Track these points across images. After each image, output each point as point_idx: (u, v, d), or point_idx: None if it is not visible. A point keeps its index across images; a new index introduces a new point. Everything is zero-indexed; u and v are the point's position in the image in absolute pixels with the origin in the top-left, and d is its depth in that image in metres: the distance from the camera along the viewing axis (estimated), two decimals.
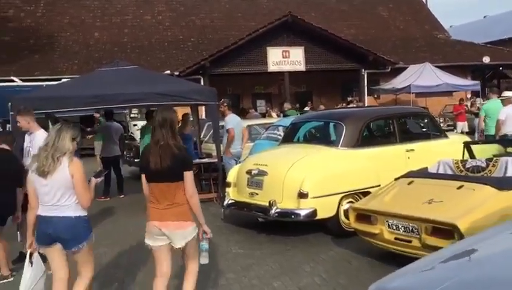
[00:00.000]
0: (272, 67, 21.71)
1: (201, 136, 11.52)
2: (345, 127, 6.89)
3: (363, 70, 22.68)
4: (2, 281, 5.41)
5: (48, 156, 3.67)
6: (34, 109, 6.29)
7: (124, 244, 6.75)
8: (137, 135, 19.63)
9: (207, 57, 20.84)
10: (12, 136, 6.01)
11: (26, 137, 6.12)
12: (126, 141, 14.20)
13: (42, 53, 22.85)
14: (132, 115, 20.36)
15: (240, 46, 20.84)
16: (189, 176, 3.77)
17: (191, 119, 10.58)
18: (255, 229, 6.94)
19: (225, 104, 8.94)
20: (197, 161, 9.62)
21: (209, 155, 10.45)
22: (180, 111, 10.77)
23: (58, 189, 3.70)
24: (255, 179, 6.75)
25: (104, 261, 6.06)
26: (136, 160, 12.67)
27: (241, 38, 21.16)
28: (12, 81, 18.70)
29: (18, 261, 5.92)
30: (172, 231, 3.80)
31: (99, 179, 4.11)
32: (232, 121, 8.75)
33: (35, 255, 3.97)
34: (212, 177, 9.45)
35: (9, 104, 7.05)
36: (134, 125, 20.09)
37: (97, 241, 6.83)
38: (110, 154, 10.42)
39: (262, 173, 6.66)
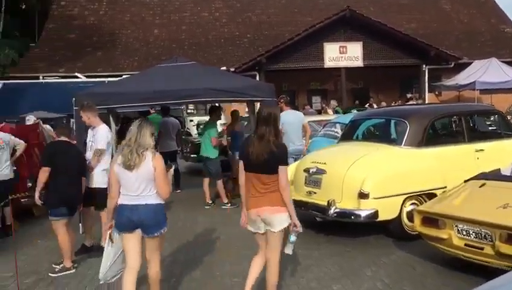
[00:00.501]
0: (328, 63, 21.34)
1: None
2: (408, 125, 6.58)
3: (424, 65, 21.85)
4: (64, 273, 5.53)
5: (133, 151, 4.00)
6: (97, 104, 6.40)
7: (182, 239, 6.78)
8: (193, 130, 19.97)
9: (263, 53, 20.77)
10: (70, 128, 6.17)
11: (89, 132, 6.24)
12: (183, 137, 14.42)
13: (104, 50, 23.59)
14: (189, 111, 20.66)
15: (296, 41, 20.61)
16: (283, 170, 4.02)
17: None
18: (312, 229, 6.77)
19: (282, 100, 8.81)
20: None
21: None
22: (230, 108, 10.83)
23: (142, 181, 4.03)
24: (313, 178, 6.57)
25: (162, 256, 6.06)
26: (192, 155, 12.82)
27: (297, 34, 20.92)
28: (77, 77, 19.45)
29: (80, 253, 6.07)
30: (270, 215, 4.06)
31: (172, 171, 4.48)
32: (281, 118, 8.62)
33: (116, 235, 4.25)
34: None
35: (73, 99, 7.22)
36: (191, 120, 20.39)
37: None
38: (168, 149, 10.55)
39: (320, 172, 6.48)
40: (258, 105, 11.15)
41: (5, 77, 20.10)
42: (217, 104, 9.24)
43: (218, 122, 9.51)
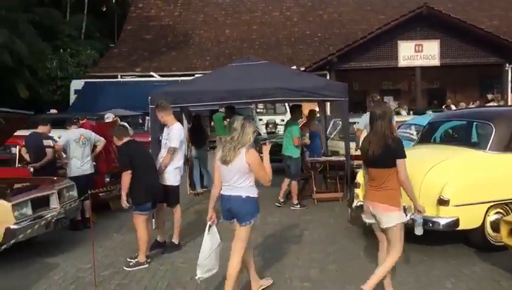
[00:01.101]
0: (402, 62, 20.63)
1: (327, 133, 11.22)
2: (494, 128, 6.13)
3: (507, 64, 20.55)
4: (138, 267, 5.67)
5: (231, 148, 4.34)
6: (171, 103, 6.52)
7: (251, 240, 6.73)
8: (262, 129, 20.03)
9: (334, 52, 20.43)
10: (126, 127, 6.36)
11: (165, 130, 6.36)
12: None
13: (178, 50, 24.25)
14: (258, 110, 20.73)
15: (369, 40, 20.10)
16: (401, 163, 4.23)
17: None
18: None
19: (372, 99, 8.48)
20: (323, 158, 9.38)
21: (335, 153, 10.14)
22: (306, 107, 10.67)
23: (235, 173, 4.36)
24: None
25: (227, 257, 6.07)
26: (261, 154, 12.79)
27: (370, 32, 20.40)
28: (152, 76, 20.13)
29: (152, 248, 6.20)
30: (379, 212, 4.34)
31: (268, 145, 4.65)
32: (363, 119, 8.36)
33: (213, 227, 4.60)
34: (338, 176, 9.13)
35: (149, 98, 7.41)
36: (260, 120, 20.46)
37: (224, 234, 7.02)
38: None
39: None
40: (328, 105, 10.97)
41: (86, 76, 21.19)
42: (298, 103, 9.10)
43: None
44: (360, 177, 7.02)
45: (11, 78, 20.23)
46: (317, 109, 12.16)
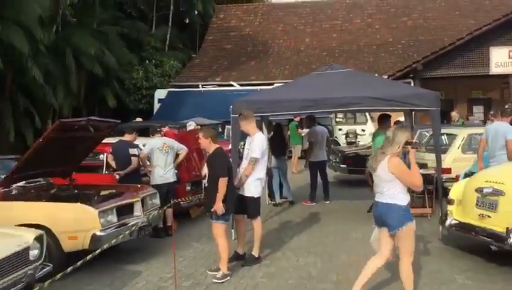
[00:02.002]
0: (494, 70, 19.22)
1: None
2: None
3: None
4: (225, 279, 5.54)
5: (376, 156, 4.52)
6: (254, 112, 6.39)
7: (334, 255, 6.44)
8: (341, 139, 19.55)
9: (420, 59, 19.50)
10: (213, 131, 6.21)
11: (248, 139, 6.23)
12: (331, 146, 14.11)
13: (258, 59, 24.39)
14: (337, 119, 20.28)
15: (457, 46, 18.97)
16: None
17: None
18: (483, 257, 5.94)
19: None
20: None
21: (422, 166, 9.54)
22: (394, 117, 10.15)
23: (381, 181, 4.48)
24: (487, 199, 5.74)
25: (314, 273, 5.81)
26: (341, 165, 12.44)
27: (459, 38, 19.25)
28: (232, 85, 20.37)
29: (232, 260, 6.05)
30: None
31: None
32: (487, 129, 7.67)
33: (375, 230, 4.68)
34: (427, 191, 8.53)
35: (231, 107, 7.35)
36: (340, 129, 20.00)
37: (305, 248, 6.79)
38: (318, 158, 10.31)
39: (497, 193, 5.62)
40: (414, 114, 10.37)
41: (169, 86, 21.87)
42: (387, 113, 8.65)
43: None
44: (454, 193, 6.49)
45: (101, 88, 21.33)
46: (401, 118, 11.60)
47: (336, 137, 19.40)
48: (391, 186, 4.41)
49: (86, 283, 5.58)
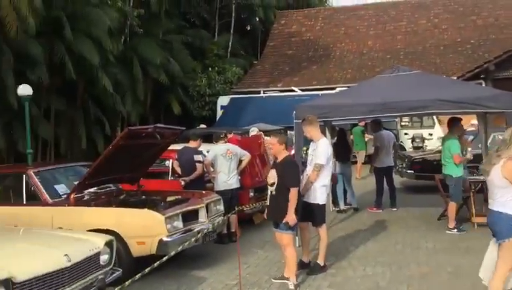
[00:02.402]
0: None
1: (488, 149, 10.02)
2: None
3: None
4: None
5: (490, 159, 4.23)
6: (317, 117, 6.27)
7: (403, 265, 6.17)
8: (407, 144, 18.90)
9: (491, 59, 18.52)
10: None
11: (311, 145, 6.12)
12: (398, 151, 13.64)
13: (319, 64, 24.17)
14: (403, 123, 19.65)
15: None
16: None
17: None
18: None
19: None
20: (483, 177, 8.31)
21: None
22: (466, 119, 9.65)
23: (494, 186, 4.18)
24: None
25: (382, 284, 5.58)
26: (408, 171, 12.00)
27: None
28: (293, 90, 20.29)
29: (297, 268, 5.95)
30: None
31: None
32: None
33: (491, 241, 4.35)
34: None
35: (294, 112, 7.26)
36: (405, 134, 19.36)
37: (372, 257, 6.56)
38: (384, 164, 10.00)
39: None
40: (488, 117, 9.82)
41: (231, 92, 22.13)
42: (458, 116, 8.24)
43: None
44: None
45: (166, 95, 21.95)
46: (473, 122, 11.03)
47: (401, 142, 18.80)
48: (504, 193, 4.11)
49: (154, 287, 5.67)
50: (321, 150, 5.85)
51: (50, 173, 6.85)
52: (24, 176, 6.35)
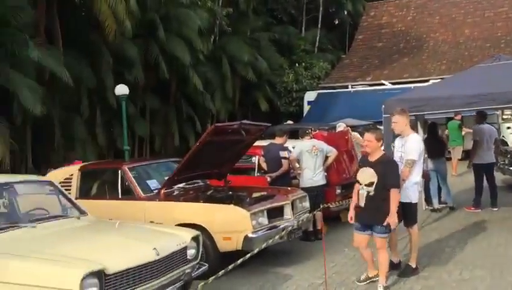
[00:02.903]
0: None
1: None
2: None
3: None
4: None
5: None
6: (409, 110, 5.95)
7: (505, 270, 5.68)
8: (510, 138, 17.48)
9: None
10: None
11: (397, 141, 5.82)
12: (499, 146, 12.66)
13: (411, 56, 23.13)
14: (504, 116, 18.22)
15: None
16: None
17: None
18: None
19: None
20: None
21: None
22: None
23: None
24: None
25: None
26: (511, 168, 11.10)
27: None
28: (383, 84, 19.60)
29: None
30: None
31: None
32: None
33: None
34: None
35: (383, 106, 6.97)
36: (508, 128, 17.93)
37: (470, 261, 6.11)
38: (484, 160, 9.29)
39: None
40: None
41: (318, 88, 21.90)
42: None
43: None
44: None
45: (254, 92, 22.23)
46: None
47: (503, 136, 17.44)
48: None
49: (239, 283, 5.72)
50: (411, 145, 5.53)
51: (143, 169, 7.16)
52: (119, 171, 6.69)
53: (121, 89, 12.64)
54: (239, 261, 4.22)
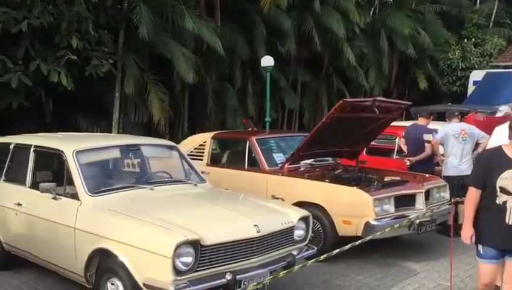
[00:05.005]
0: None
1: None
2: None
3: None
4: None
5: None
6: None
7: None
8: None
9: None
10: None
11: None
12: None
13: None
14: None
15: None
16: None
17: None
18: None
19: None
20: None
21: None
22: None
23: None
24: None
25: None
26: None
27: None
28: None
29: None
30: None
31: None
32: None
33: None
34: None
35: None
36: None
37: None
38: None
39: None
40: None
41: (488, 66, 19.52)
42: None
43: None
44: None
45: (413, 69, 20.72)
46: None
47: None
48: None
49: (354, 272, 5.33)
50: None
51: (272, 142, 7.06)
52: (247, 142, 6.66)
53: (267, 61, 12.74)
54: (346, 247, 3.87)
